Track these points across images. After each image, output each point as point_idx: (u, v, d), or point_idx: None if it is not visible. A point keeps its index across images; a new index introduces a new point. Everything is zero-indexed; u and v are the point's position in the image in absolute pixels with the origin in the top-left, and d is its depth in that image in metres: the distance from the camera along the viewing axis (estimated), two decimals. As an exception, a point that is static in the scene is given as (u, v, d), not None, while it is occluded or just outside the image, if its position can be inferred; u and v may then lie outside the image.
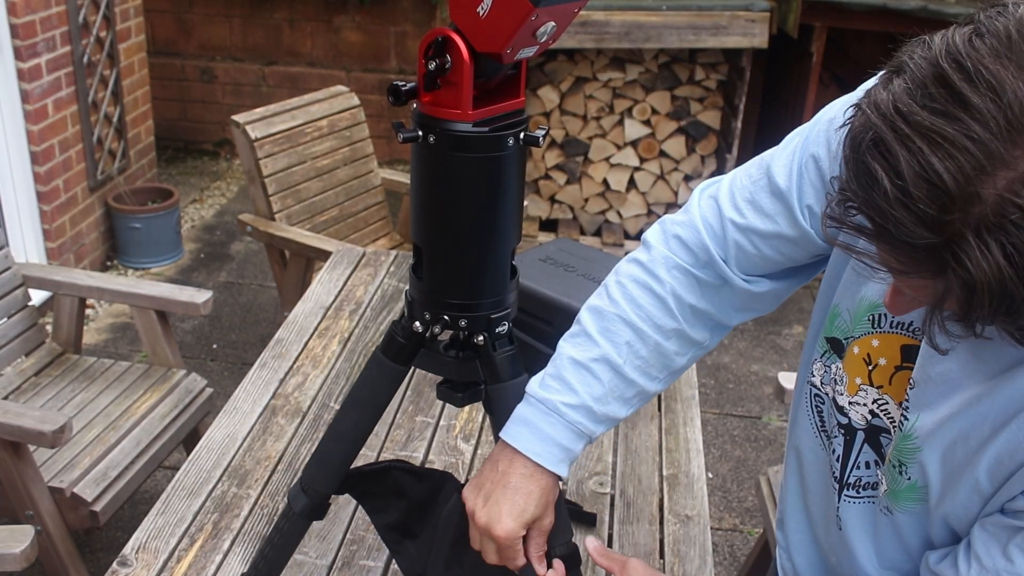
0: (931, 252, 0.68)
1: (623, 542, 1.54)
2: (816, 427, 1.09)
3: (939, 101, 0.67)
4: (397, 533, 1.30)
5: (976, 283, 0.67)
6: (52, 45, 3.60)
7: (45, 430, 1.96)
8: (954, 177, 0.66)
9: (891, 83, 0.71)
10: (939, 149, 0.66)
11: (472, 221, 1.04)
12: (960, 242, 0.67)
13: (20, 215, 3.64)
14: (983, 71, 0.67)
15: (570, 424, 1.05)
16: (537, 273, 1.92)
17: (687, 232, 1.07)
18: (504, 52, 0.95)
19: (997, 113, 0.65)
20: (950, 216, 0.66)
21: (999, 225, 0.65)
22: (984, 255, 0.66)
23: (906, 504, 0.96)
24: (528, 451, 1.05)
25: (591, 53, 4.08)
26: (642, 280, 1.07)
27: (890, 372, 0.98)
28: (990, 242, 0.66)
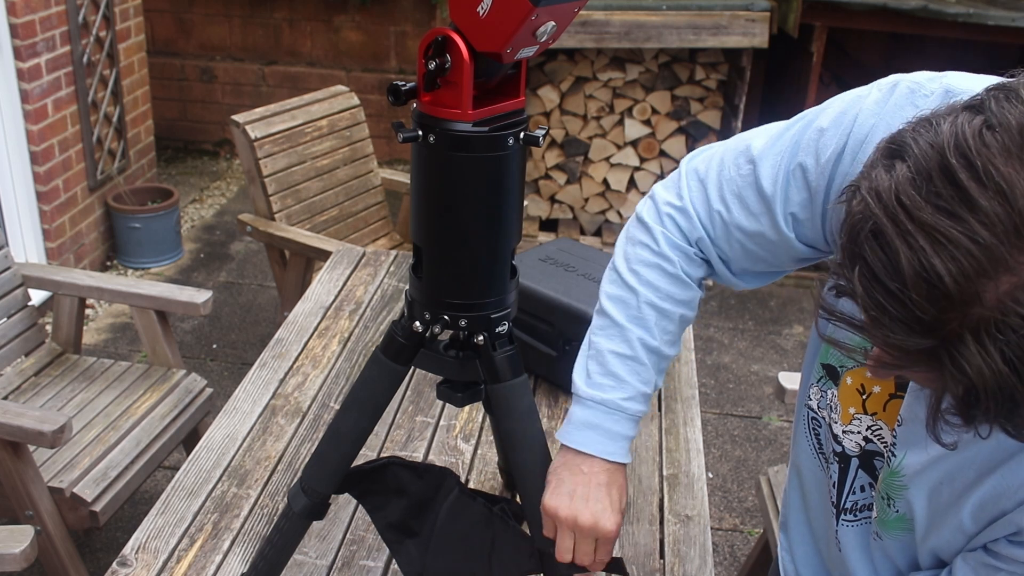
0: (926, 351, 0.67)
1: (623, 542, 1.54)
2: (814, 448, 1.09)
3: (944, 198, 0.64)
4: (397, 532, 1.29)
5: (975, 386, 0.65)
6: (52, 45, 3.60)
7: (45, 430, 1.95)
8: (955, 279, 0.64)
9: (894, 168, 0.68)
10: (942, 250, 0.64)
11: (472, 221, 1.04)
12: (957, 345, 0.65)
13: (20, 215, 3.64)
14: (992, 172, 0.64)
15: (631, 416, 1.10)
16: (537, 273, 1.92)
17: (682, 218, 1.09)
18: (504, 52, 0.95)
19: (1005, 217, 0.63)
20: (947, 316, 0.64)
21: (999, 330, 0.63)
22: (984, 359, 0.64)
23: (894, 533, 0.97)
24: (604, 453, 1.09)
25: (591, 53, 4.08)
26: (653, 263, 1.10)
27: (884, 399, 0.98)
28: (989, 347, 0.64)
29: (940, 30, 3.70)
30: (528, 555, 1.19)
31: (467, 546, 1.24)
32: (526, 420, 1.14)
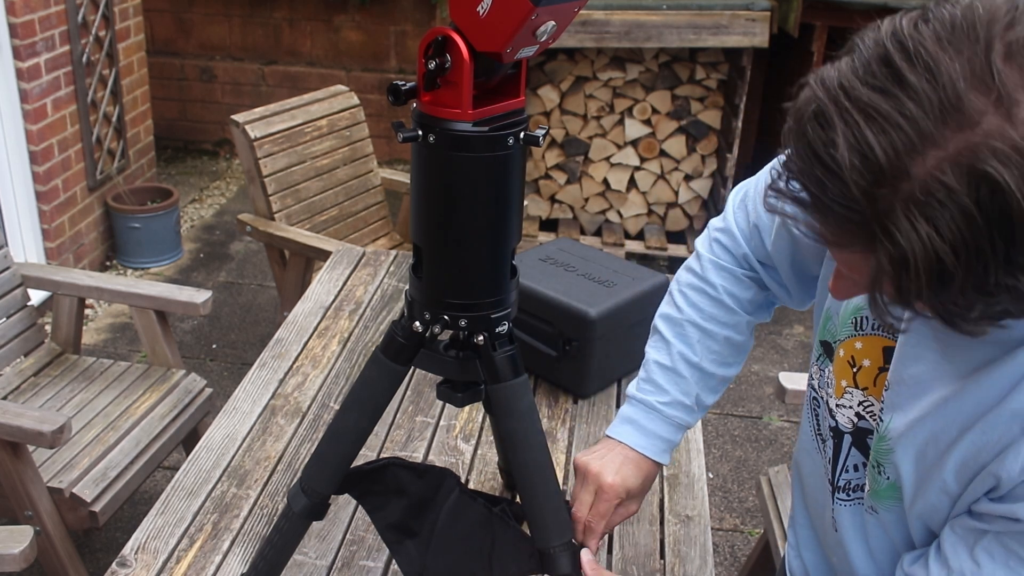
0: (862, 225, 0.70)
1: (623, 543, 1.54)
2: (813, 429, 1.10)
3: (879, 79, 0.69)
4: (397, 532, 1.29)
5: (904, 256, 0.68)
6: (51, 44, 3.60)
7: (44, 430, 1.95)
8: (887, 153, 0.67)
9: (840, 61, 0.74)
10: (875, 125, 0.68)
11: (472, 221, 1.04)
12: (890, 215, 0.68)
13: (19, 215, 3.64)
14: (922, 52, 0.68)
15: (668, 419, 1.21)
16: (537, 273, 1.92)
17: (726, 237, 1.21)
18: (504, 51, 0.95)
19: (932, 94, 0.67)
20: (880, 190, 0.68)
21: (927, 203, 0.67)
22: (911, 229, 0.67)
23: (887, 503, 0.98)
24: (635, 444, 1.20)
25: (591, 52, 4.07)
26: (697, 286, 1.22)
27: (874, 374, 0.99)
28: (917, 217, 0.67)
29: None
30: (528, 555, 1.19)
31: (467, 546, 1.24)
32: (526, 420, 1.14)
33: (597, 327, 1.79)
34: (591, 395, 1.90)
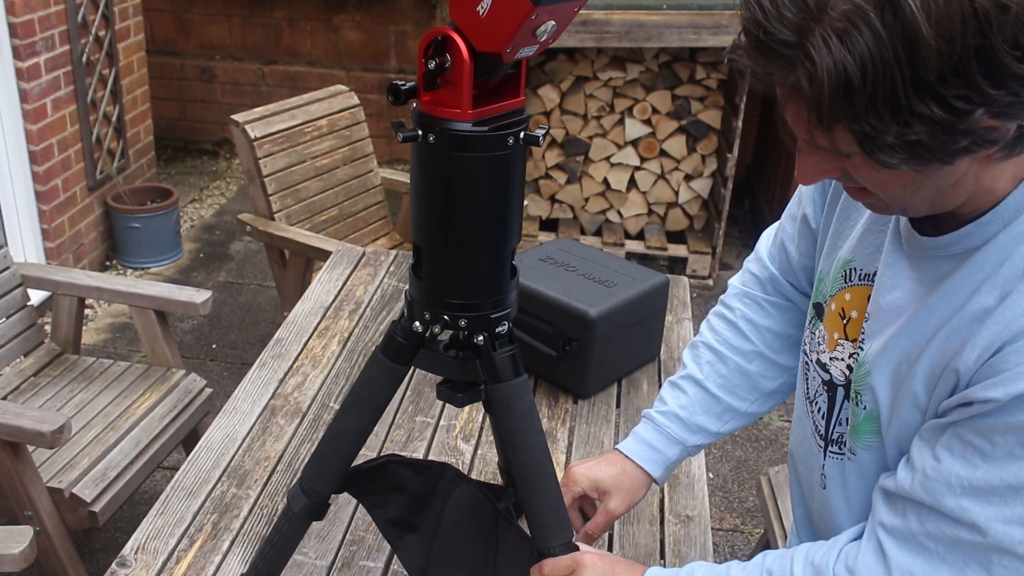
0: (794, 59, 0.76)
1: (623, 543, 1.54)
2: (804, 394, 1.13)
3: None
4: (398, 528, 1.29)
5: (819, 75, 0.75)
6: (51, 44, 3.59)
7: (44, 430, 1.95)
8: None
9: None
10: None
11: (472, 221, 1.04)
12: (813, 43, 0.75)
13: (19, 215, 3.64)
14: None
15: (659, 428, 1.26)
16: (537, 273, 1.92)
17: (755, 265, 1.29)
18: (504, 51, 0.95)
19: None
20: (807, 23, 0.75)
21: (842, 28, 0.73)
22: (827, 50, 0.74)
23: (865, 439, 1.00)
24: (624, 449, 1.28)
25: (591, 52, 4.07)
26: (719, 312, 1.30)
27: (861, 325, 1.02)
28: (832, 39, 0.74)
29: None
30: (528, 556, 1.19)
31: (473, 543, 1.24)
32: (526, 420, 1.14)
33: (597, 327, 1.79)
34: (591, 395, 1.89)
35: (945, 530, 0.87)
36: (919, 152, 0.76)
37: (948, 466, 0.86)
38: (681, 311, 2.26)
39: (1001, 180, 0.85)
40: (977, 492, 0.84)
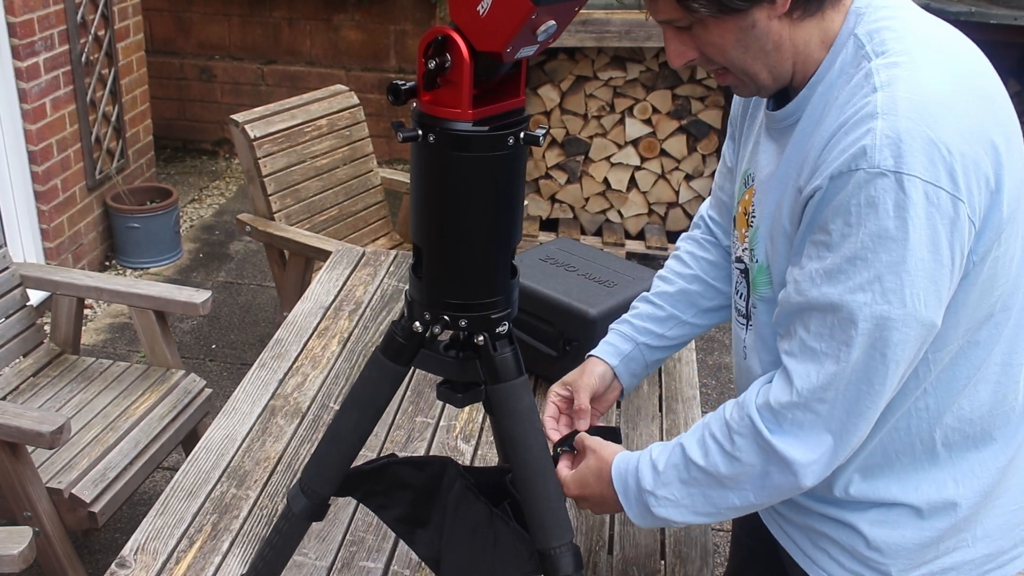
0: None
1: (623, 542, 1.54)
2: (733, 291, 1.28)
3: None
4: (407, 524, 1.29)
5: None
6: (50, 44, 3.59)
7: (43, 431, 1.95)
8: None
9: None
10: None
11: (472, 221, 1.04)
12: None
13: (18, 215, 3.63)
14: None
15: (614, 331, 1.45)
16: (537, 273, 1.92)
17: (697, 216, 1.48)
18: (504, 51, 0.95)
19: None
20: None
21: None
22: None
23: (762, 290, 1.16)
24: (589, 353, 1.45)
25: (592, 52, 4.07)
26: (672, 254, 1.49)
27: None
28: None
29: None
30: (528, 556, 1.18)
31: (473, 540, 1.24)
32: (526, 420, 1.14)
33: (597, 327, 1.78)
34: (591, 395, 1.89)
35: (819, 323, 1.01)
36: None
37: (807, 266, 1.02)
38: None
39: (812, 44, 1.04)
40: (828, 276, 0.99)
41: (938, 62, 1.01)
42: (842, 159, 0.96)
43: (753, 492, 1.10)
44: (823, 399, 1.02)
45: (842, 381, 1.01)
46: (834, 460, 1.06)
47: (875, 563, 1.17)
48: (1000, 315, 1.07)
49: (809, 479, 1.06)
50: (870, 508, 1.16)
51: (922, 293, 0.96)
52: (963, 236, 0.96)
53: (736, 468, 1.09)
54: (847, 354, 1.00)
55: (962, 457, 1.14)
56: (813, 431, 1.04)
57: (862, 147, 0.95)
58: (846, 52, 1.03)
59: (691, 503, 1.14)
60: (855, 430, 1.04)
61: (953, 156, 0.94)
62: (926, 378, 1.08)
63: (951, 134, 0.95)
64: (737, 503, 1.12)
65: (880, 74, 0.98)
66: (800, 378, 1.04)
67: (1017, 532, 1.20)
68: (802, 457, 1.05)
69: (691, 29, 1.04)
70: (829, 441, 1.04)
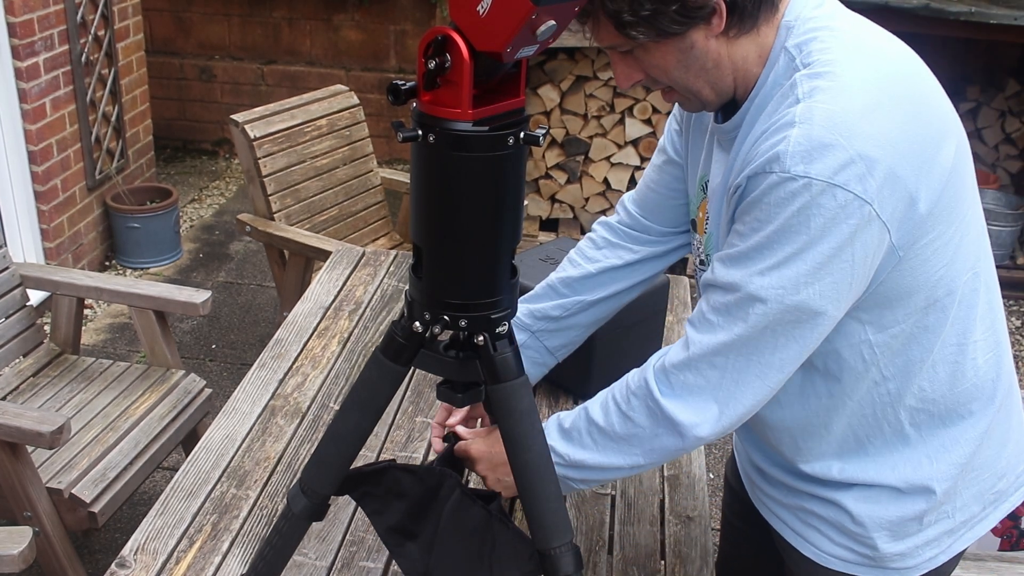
0: None
1: (624, 542, 1.54)
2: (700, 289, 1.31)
3: None
4: (398, 535, 1.29)
5: None
6: (50, 44, 3.59)
7: (43, 431, 1.95)
8: None
9: None
10: None
11: (472, 221, 1.04)
12: None
13: (18, 215, 3.63)
14: None
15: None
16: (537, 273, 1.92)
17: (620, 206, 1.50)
18: (504, 51, 0.95)
19: None
20: None
21: None
22: None
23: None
24: None
25: (592, 51, 4.07)
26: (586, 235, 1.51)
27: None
28: None
29: (941, 29, 3.70)
30: (528, 557, 1.18)
31: (468, 549, 1.23)
32: (526, 421, 1.14)
33: (597, 327, 1.78)
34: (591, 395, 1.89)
35: (719, 299, 1.10)
36: (654, 24, 1.03)
37: (723, 250, 1.10)
38: (681, 311, 2.26)
39: (750, 60, 1.09)
40: (734, 260, 1.08)
41: (862, 71, 1.06)
42: (759, 161, 1.04)
43: (642, 454, 1.18)
44: (713, 364, 1.11)
45: (732, 351, 1.09)
46: (718, 427, 1.13)
47: (861, 537, 1.24)
48: (945, 299, 1.12)
49: (692, 442, 1.14)
50: (852, 487, 1.23)
51: (818, 284, 1.04)
52: (870, 237, 1.03)
53: (629, 428, 1.17)
54: (740, 329, 1.08)
55: (932, 435, 1.20)
56: (700, 396, 1.12)
57: (776, 152, 1.02)
58: (778, 66, 1.09)
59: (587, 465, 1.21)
60: (741, 400, 1.11)
61: (866, 163, 1.00)
62: (875, 361, 1.15)
63: (865, 142, 1.00)
64: (623, 464, 1.20)
65: (803, 85, 1.04)
66: (695, 343, 1.12)
67: (987, 497, 1.27)
68: (687, 419, 1.13)
69: (633, 53, 1.10)
70: (714, 408, 1.12)
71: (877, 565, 1.25)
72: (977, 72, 4.35)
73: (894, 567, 1.25)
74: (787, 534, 1.32)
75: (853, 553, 1.25)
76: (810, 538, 1.29)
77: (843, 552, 1.26)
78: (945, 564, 1.27)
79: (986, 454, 1.24)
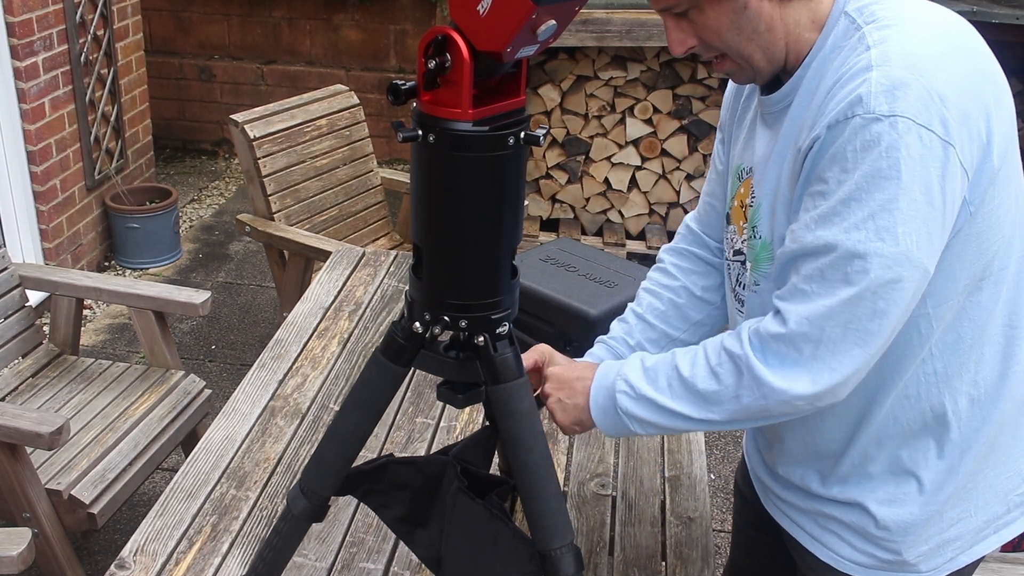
0: None
1: (624, 544, 1.53)
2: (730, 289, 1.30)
3: None
4: (407, 524, 1.29)
5: None
6: (49, 43, 3.59)
7: (42, 432, 1.94)
8: None
9: None
10: None
11: (472, 221, 1.03)
12: None
13: (17, 215, 3.63)
14: None
15: (610, 348, 1.42)
16: (538, 273, 1.91)
17: (682, 226, 1.48)
18: (504, 51, 0.94)
19: None
20: None
21: None
22: None
23: (763, 268, 1.18)
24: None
25: (592, 51, 4.07)
26: (655, 266, 1.49)
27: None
28: None
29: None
30: (528, 557, 1.18)
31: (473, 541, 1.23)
32: (527, 421, 1.13)
33: (598, 327, 1.78)
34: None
35: (812, 266, 1.04)
36: None
37: (803, 217, 1.05)
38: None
39: (803, 25, 1.08)
40: (822, 220, 1.02)
41: (928, 23, 1.06)
42: (839, 108, 1.01)
43: (719, 411, 1.13)
44: (808, 337, 1.05)
45: (830, 320, 1.04)
46: (808, 398, 1.08)
47: (885, 542, 1.21)
48: (998, 274, 1.10)
49: (777, 406, 1.09)
50: (878, 487, 1.20)
51: (914, 233, 1.00)
52: (955, 182, 1.00)
53: (712, 385, 1.13)
54: (839, 292, 1.02)
55: (968, 424, 1.16)
56: (794, 367, 1.07)
57: (858, 95, 0.99)
58: (838, 29, 1.07)
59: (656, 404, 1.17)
60: (837, 370, 1.06)
61: (945, 104, 0.98)
62: (930, 336, 1.11)
63: (942, 84, 0.99)
64: (698, 416, 1.15)
65: (872, 35, 1.03)
66: (791, 315, 1.06)
67: (1010, 497, 1.24)
68: (776, 383, 1.08)
69: (687, 15, 1.09)
70: (807, 379, 1.07)
71: (898, 569, 1.23)
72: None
73: (915, 570, 1.22)
74: (803, 539, 1.29)
75: (874, 559, 1.23)
76: (828, 543, 1.26)
77: (863, 557, 1.23)
78: (967, 567, 1.25)
79: (1010, 451, 1.21)
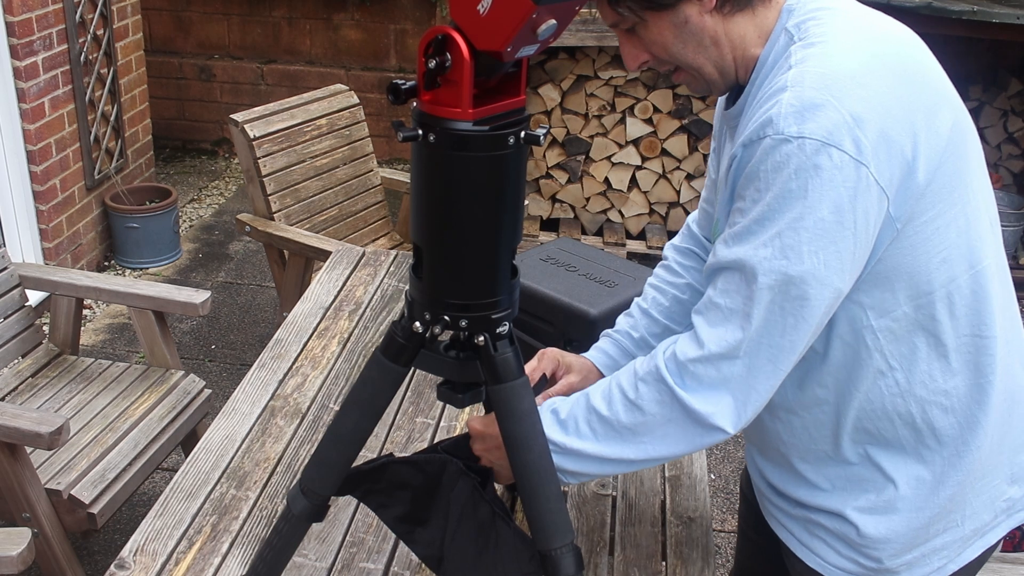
0: None
1: (625, 543, 1.53)
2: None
3: None
4: (407, 523, 1.29)
5: None
6: (49, 43, 3.58)
7: (42, 432, 1.94)
8: None
9: None
10: None
11: (472, 221, 1.03)
12: None
13: (16, 215, 3.63)
14: None
15: (616, 342, 1.45)
16: (538, 273, 1.91)
17: (686, 227, 1.51)
18: (504, 50, 0.94)
19: None
20: None
21: None
22: None
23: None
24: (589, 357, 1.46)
25: (592, 51, 4.06)
26: (660, 264, 1.51)
27: None
28: None
29: (944, 28, 3.69)
30: (529, 558, 1.18)
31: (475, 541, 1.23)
32: (527, 421, 1.13)
33: (598, 327, 1.77)
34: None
35: (725, 281, 1.08)
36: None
37: (725, 232, 1.09)
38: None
39: (749, 39, 1.11)
40: (737, 237, 1.06)
41: (852, 39, 1.08)
42: (752, 128, 1.04)
43: (652, 444, 1.14)
44: (725, 356, 1.08)
45: (746, 338, 1.06)
46: (737, 416, 1.10)
47: (866, 550, 1.23)
48: (949, 285, 1.10)
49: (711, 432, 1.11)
50: (860, 495, 1.21)
51: (821, 252, 1.01)
52: (870, 203, 1.01)
53: (636, 417, 1.13)
54: (750, 310, 1.05)
55: (946, 433, 1.16)
56: (716, 388, 1.09)
57: (769, 116, 1.02)
58: (778, 45, 1.10)
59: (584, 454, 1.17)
60: (756, 388, 1.09)
61: (859, 124, 0.99)
62: (879, 348, 1.12)
63: (858, 103, 1.00)
64: (632, 456, 1.15)
65: (797, 54, 1.06)
66: (706, 336, 1.09)
67: (996, 504, 1.24)
68: (704, 409, 1.10)
69: (635, 31, 1.11)
70: (729, 399, 1.09)
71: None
72: (979, 71, 4.34)
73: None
74: (793, 545, 1.31)
75: (858, 565, 1.24)
76: (815, 549, 1.28)
77: (848, 564, 1.25)
78: (955, 573, 1.25)
79: (997, 460, 1.21)
